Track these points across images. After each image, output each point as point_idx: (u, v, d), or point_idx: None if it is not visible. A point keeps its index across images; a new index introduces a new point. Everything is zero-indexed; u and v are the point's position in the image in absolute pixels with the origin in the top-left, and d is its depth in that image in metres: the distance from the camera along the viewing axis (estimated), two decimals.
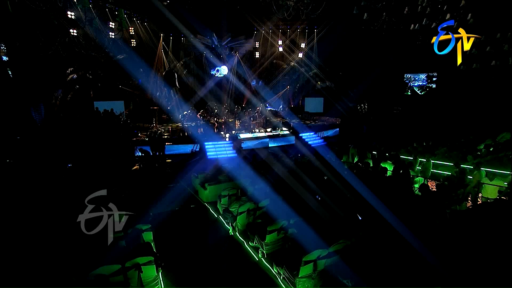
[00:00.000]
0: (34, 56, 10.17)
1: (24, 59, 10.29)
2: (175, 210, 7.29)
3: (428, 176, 8.13)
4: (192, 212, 7.16)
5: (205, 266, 4.61)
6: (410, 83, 17.87)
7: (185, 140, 14.21)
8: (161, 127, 17.55)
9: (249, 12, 20.08)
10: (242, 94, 24.41)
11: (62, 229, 4.42)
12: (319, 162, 8.02)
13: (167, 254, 5.08)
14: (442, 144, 9.81)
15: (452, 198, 5.82)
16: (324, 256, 3.42)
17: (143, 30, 19.73)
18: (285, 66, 23.35)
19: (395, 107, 18.12)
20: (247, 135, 14.97)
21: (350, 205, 4.60)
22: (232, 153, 13.73)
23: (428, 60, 14.37)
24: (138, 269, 3.53)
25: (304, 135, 16.11)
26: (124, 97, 18.60)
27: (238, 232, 5.43)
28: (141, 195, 8.36)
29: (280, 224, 4.46)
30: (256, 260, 4.63)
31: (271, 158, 9.85)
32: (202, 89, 23.68)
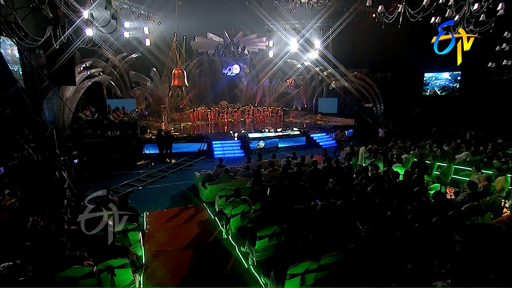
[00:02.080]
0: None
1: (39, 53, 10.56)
2: (171, 210, 7.08)
3: (448, 182, 7.42)
4: (189, 212, 6.89)
5: (190, 271, 4.31)
6: (431, 83, 16.77)
7: (194, 138, 14.08)
8: (171, 125, 17.63)
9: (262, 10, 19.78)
10: (254, 93, 24.13)
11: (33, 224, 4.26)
12: (325, 164, 7.53)
13: (155, 256, 4.86)
14: (465, 148, 8.99)
15: (473, 207, 5.17)
16: (314, 269, 3.00)
17: (156, 29, 19.94)
18: (299, 66, 22.80)
19: (414, 108, 17.08)
20: (256, 134, 14.62)
21: (350, 211, 4.13)
22: (240, 152, 13.44)
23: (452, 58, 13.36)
24: (111, 272, 3.28)
25: (316, 135, 15.54)
26: (136, 95, 18.89)
27: (231, 236, 5.09)
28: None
29: (272, 229, 4.07)
30: (246, 268, 4.26)
31: (277, 159, 9.44)
32: (214, 88, 23.69)
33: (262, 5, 18.02)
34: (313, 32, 21.65)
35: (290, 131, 15.50)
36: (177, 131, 15.98)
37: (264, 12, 19.50)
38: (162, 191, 8.63)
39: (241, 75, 23.24)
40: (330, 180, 6.33)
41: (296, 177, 6.63)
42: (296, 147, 14.59)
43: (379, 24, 9.35)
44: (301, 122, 19.61)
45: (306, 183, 5.94)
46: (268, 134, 14.78)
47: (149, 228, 6.00)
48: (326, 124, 18.20)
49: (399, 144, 10.65)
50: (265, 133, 14.92)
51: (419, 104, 17.15)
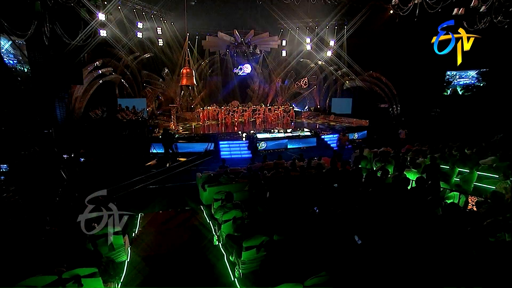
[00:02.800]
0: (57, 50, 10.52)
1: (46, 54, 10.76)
2: (167, 212, 6.84)
3: (470, 191, 6.64)
4: (185, 215, 6.61)
5: (171, 279, 3.99)
6: (454, 81, 15.58)
7: (201, 138, 13.88)
8: (181, 124, 17.60)
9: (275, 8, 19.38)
10: (266, 93, 23.70)
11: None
12: (331, 167, 7.00)
13: (139, 260, 4.60)
14: (491, 152, 8.09)
15: (499, 222, 4.48)
16: None
17: (169, 29, 20.04)
18: (312, 65, 22.16)
19: (434, 109, 15.95)
20: (265, 135, 14.20)
21: (350, 222, 3.64)
22: (247, 153, 13.08)
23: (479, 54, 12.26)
24: (77, 282, 3.01)
25: (327, 137, 14.89)
26: (148, 94, 19.05)
27: (222, 243, 4.73)
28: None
29: (260, 240, 3.66)
30: (231, 280, 3.88)
31: (283, 161, 9.00)
32: (226, 88, 23.50)
33: (274, 2, 17.58)
34: (327, 31, 20.97)
35: (300, 132, 14.95)
36: (186, 130, 15.88)
37: (277, 10, 19.10)
38: (161, 192, 8.43)
39: (253, 74, 22.90)
40: (334, 185, 5.83)
41: (298, 181, 6.18)
42: (306, 149, 14.05)
43: (395, 20, 8.92)
44: (314, 123, 18.98)
45: (308, 188, 5.46)
46: (277, 135, 14.31)
47: (141, 230, 5.77)
48: (339, 125, 17.45)
49: (415, 148, 9.87)
50: (274, 133, 14.46)
51: (439, 105, 16.00)
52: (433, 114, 15.93)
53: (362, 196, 4.48)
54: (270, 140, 13.80)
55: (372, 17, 16.72)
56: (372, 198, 4.37)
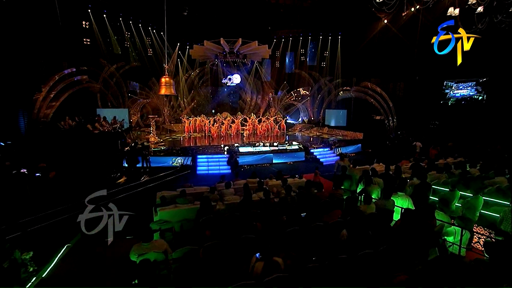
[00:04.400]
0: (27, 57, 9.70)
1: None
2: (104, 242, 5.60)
3: (475, 220, 5.36)
4: (122, 247, 5.37)
5: None
6: (451, 92, 14.44)
7: (181, 152, 12.75)
8: (163, 136, 16.55)
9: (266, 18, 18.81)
10: (259, 104, 22.76)
11: None
12: (300, 192, 5.82)
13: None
14: (498, 173, 6.85)
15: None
16: None
17: (158, 40, 19.44)
18: (306, 76, 21.34)
19: (432, 121, 14.76)
20: (248, 148, 13.05)
21: (305, 280, 2.46)
22: (227, 168, 11.92)
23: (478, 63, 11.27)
24: None
25: (317, 151, 13.74)
26: (132, 105, 18.15)
27: None
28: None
29: None
30: None
31: (256, 179, 7.79)
32: (216, 99, 22.63)
33: (267, 12, 17.00)
34: (321, 41, 20.29)
35: (288, 145, 13.81)
36: (166, 143, 14.80)
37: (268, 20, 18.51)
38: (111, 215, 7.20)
39: (243, 85, 22.07)
40: (302, 215, 4.64)
41: (259, 208, 5.00)
42: (293, 164, 12.87)
43: (391, 29, 8.33)
44: (307, 136, 17.86)
45: (261, 219, 4.27)
46: (262, 149, 13.15)
47: (61, 264, 4.58)
48: (331, 138, 16.30)
49: (412, 162, 8.68)
50: (258, 147, 13.31)
51: (438, 117, 14.83)
52: (432, 126, 14.73)
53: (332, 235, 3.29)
54: (254, 154, 12.65)
55: (367, 26, 16.00)
56: (335, 244, 3.18)
